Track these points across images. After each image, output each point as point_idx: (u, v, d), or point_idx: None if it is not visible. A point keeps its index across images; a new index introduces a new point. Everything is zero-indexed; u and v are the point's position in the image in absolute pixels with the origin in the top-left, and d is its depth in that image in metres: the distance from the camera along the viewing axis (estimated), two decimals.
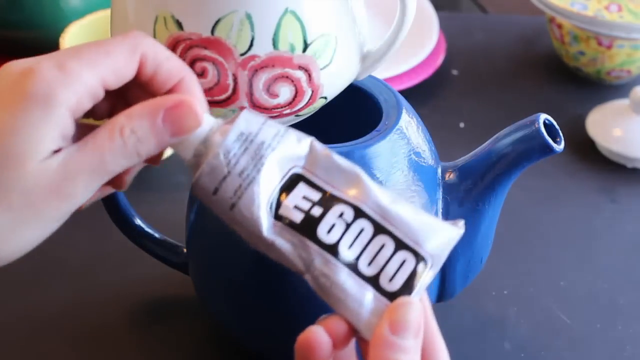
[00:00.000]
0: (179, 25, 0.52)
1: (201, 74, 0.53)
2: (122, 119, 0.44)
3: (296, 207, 0.45)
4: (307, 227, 0.45)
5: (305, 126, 0.61)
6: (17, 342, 0.68)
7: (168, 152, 0.86)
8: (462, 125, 0.92)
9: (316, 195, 0.46)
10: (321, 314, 0.58)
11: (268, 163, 0.45)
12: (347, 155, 0.56)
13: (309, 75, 0.54)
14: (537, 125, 0.58)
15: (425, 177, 0.59)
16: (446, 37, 1.03)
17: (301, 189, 0.46)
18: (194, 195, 0.47)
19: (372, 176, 0.56)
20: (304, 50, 0.53)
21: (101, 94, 0.44)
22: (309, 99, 0.55)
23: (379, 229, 0.45)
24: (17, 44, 0.93)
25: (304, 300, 0.58)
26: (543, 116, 0.59)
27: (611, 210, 0.83)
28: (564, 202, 0.83)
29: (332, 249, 0.45)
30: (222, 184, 0.45)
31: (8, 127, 0.42)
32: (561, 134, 0.59)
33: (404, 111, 0.60)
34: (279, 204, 0.45)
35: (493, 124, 0.70)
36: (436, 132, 0.66)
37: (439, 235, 0.46)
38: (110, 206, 0.66)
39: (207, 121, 0.46)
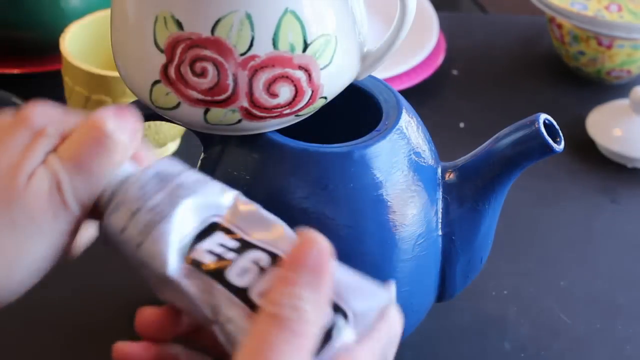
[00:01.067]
0: (179, 25, 0.52)
1: (201, 74, 0.53)
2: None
3: (209, 251, 0.43)
4: (217, 269, 0.43)
5: (305, 126, 0.61)
6: (16, 342, 0.67)
7: (168, 151, 0.86)
8: (462, 125, 0.92)
9: (233, 244, 0.43)
10: None
11: (184, 204, 0.43)
12: (347, 155, 0.56)
13: (309, 75, 0.54)
14: (537, 125, 0.58)
15: (425, 177, 0.59)
16: (446, 37, 1.03)
17: (218, 236, 0.44)
18: (100, 236, 0.46)
19: (372, 176, 0.57)
20: (304, 50, 0.53)
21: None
22: (309, 99, 0.55)
23: None
24: (17, 44, 0.93)
25: None
26: (543, 116, 0.59)
27: (611, 210, 0.83)
28: (564, 202, 0.83)
29: (242, 293, 0.42)
30: (131, 220, 0.43)
31: None
32: (561, 134, 0.59)
33: (404, 111, 0.60)
34: (191, 248, 0.43)
35: (493, 124, 0.70)
36: (436, 132, 0.66)
37: (364, 292, 0.43)
38: None
39: (126, 165, 0.45)
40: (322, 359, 0.40)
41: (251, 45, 0.52)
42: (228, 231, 0.44)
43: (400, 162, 0.58)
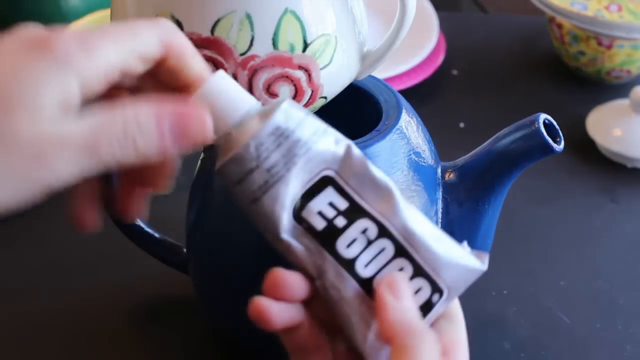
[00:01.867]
0: (179, 24, 0.52)
1: None
2: (129, 106, 0.41)
3: (320, 213, 0.43)
4: (328, 237, 0.43)
5: None
6: (16, 342, 0.67)
7: None
8: (462, 125, 0.92)
9: (343, 204, 0.44)
10: None
11: (300, 162, 0.43)
12: None
13: (309, 75, 0.54)
14: (537, 125, 0.58)
15: (425, 177, 0.59)
16: (446, 37, 1.03)
17: (329, 193, 0.44)
18: (217, 176, 0.45)
19: None
20: (304, 50, 0.53)
21: (116, 79, 0.41)
22: (309, 99, 0.55)
23: (400, 251, 0.44)
24: None
25: None
26: (543, 116, 0.59)
27: (611, 210, 0.83)
28: (564, 202, 0.83)
29: (349, 264, 0.43)
30: (249, 176, 0.43)
31: (12, 75, 0.39)
32: (561, 134, 0.59)
33: (403, 111, 0.60)
34: (302, 205, 0.43)
35: (493, 124, 0.70)
36: (436, 132, 0.66)
37: (460, 268, 0.45)
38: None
39: (245, 101, 0.44)
40: None
41: (251, 45, 0.52)
42: (339, 188, 0.44)
43: (400, 162, 0.58)
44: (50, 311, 0.70)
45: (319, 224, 0.43)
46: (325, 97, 0.56)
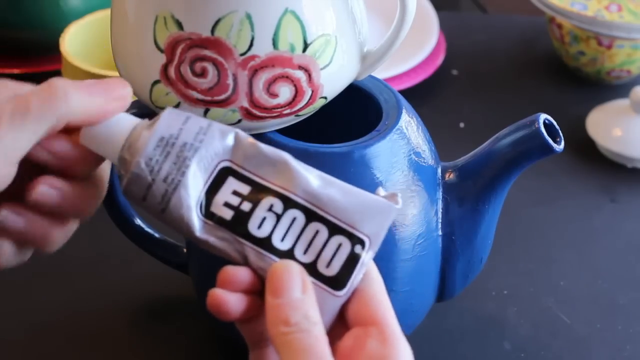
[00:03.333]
0: (179, 25, 0.52)
1: (201, 74, 0.53)
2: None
3: (226, 203, 0.45)
4: (238, 224, 0.45)
5: (305, 126, 0.61)
6: (17, 343, 0.67)
7: None
8: (462, 125, 0.92)
9: (245, 189, 0.45)
10: None
11: (193, 164, 0.45)
12: (347, 155, 0.56)
13: (309, 75, 0.54)
14: (537, 125, 0.58)
15: (425, 177, 0.59)
16: (446, 37, 1.03)
17: (230, 183, 0.45)
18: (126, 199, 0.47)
19: (372, 176, 0.57)
20: (304, 50, 0.53)
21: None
22: (309, 99, 0.55)
23: (311, 216, 0.45)
24: (17, 44, 0.93)
25: None
26: (543, 116, 0.59)
27: (611, 210, 0.83)
28: (564, 202, 0.83)
29: (265, 243, 0.45)
30: (149, 191, 0.45)
31: None
32: (561, 134, 0.59)
33: (404, 111, 0.60)
34: (208, 202, 0.45)
35: (493, 124, 0.70)
36: (436, 132, 0.66)
37: (375, 213, 0.45)
38: (110, 206, 0.66)
39: (127, 123, 0.46)
40: (350, 289, 0.44)
41: (251, 45, 0.52)
42: (238, 174, 0.45)
43: (400, 162, 0.58)
44: (50, 311, 0.70)
45: (227, 214, 0.45)
46: (325, 97, 0.56)
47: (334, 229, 0.45)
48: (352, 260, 0.45)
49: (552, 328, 0.70)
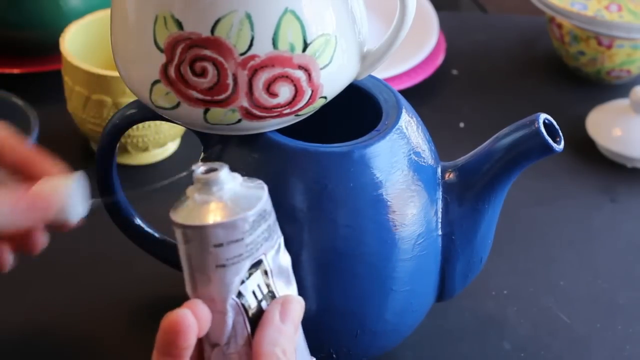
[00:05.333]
0: (179, 24, 0.52)
1: (201, 74, 0.53)
2: None
3: (253, 293, 0.48)
4: (253, 316, 0.48)
5: (305, 126, 0.61)
6: (16, 343, 0.67)
7: (168, 151, 0.86)
8: (462, 125, 0.92)
9: (266, 290, 0.48)
10: (320, 315, 0.58)
11: (267, 241, 0.47)
12: (346, 155, 0.56)
13: (309, 75, 0.54)
14: (537, 125, 0.58)
15: (425, 177, 0.59)
16: (446, 37, 1.03)
17: (258, 276, 0.48)
18: (180, 228, 0.48)
19: (372, 176, 0.57)
20: (304, 49, 0.53)
21: None
22: (309, 99, 0.55)
23: None
24: (17, 44, 0.93)
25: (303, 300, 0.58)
26: (543, 116, 0.59)
27: (611, 210, 0.83)
28: (564, 202, 0.83)
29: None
30: (230, 244, 0.46)
31: None
32: (561, 133, 0.59)
33: (403, 111, 0.60)
34: (242, 283, 0.47)
35: (493, 124, 0.70)
36: (436, 132, 0.66)
37: None
38: (110, 206, 0.66)
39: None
40: None
41: (251, 45, 0.52)
42: (265, 272, 0.48)
43: (400, 162, 0.58)
44: (50, 311, 0.70)
45: (252, 304, 0.48)
46: (325, 97, 0.56)
47: None
48: None
49: (552, 328, 0.70)
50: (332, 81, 0.55)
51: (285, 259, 0.50)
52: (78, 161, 0.85)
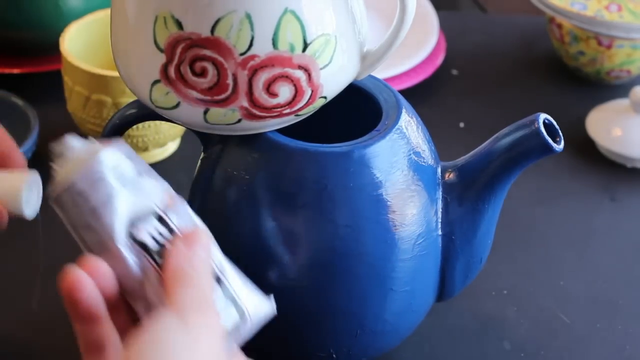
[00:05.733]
0: (179, 24, 0.52)
1: (201, 74, 0.53)
2: None
3: (149, 233, 0.49)
4: (156, 250, 0.49)
5: (305, 126, 0.61)
6: (16, 342, 0.67)
7: (168, 151, 0.86)
8: (462, 125, 0.92)
9: (166, 231, 0.50)
10: (320, 315, 0.58)
11: (140, 187, 0.50)
12: (346, 155, 0.56)
13: (309, 75, 0.54)
14: (536, 125, 0.58)
15: (425, 177, 0.59)
16: (446, 37, 1.03)
17: (154, 223, 0.50)
18: (52, 193, 0.50)
19: (372, 176, 0.57)
20: (304, 50, 0.53)
21: None
22: (309, 99, 0.55)
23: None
24: (17, 44, 0.93)
25: (303, 301, 0.58)
26: (543, 116, 0.59)
27: (611, 210, 0.83)
28: (564, 202, 0.83)
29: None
30: (94, 186, 0.48)
31: None
32: (561, 133, 0.59)
33: (403, 111, 0.60)
34: (133, 226, 0.49)
35: (493, 124, 0.70)
36: (436, 132, 0.66)
37: (260, 301, 0.50)
38: None
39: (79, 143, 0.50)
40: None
41: (251, 45, 0.52)
42: (161, 220, 0.50)
43: (399, 162, 0.58)
44: (50, 311, 0.70)
45: (147, 240, 0.49)
46: (325, 97, 0.56)
47: (230, 297, 0.49)
48: (237, 329, 0.49)
49: (552, 328, 0.70)
50: (332, 81, 0.55)
51: (184, 208, 0.51)
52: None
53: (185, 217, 0.51)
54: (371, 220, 0.57)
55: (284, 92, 0.54)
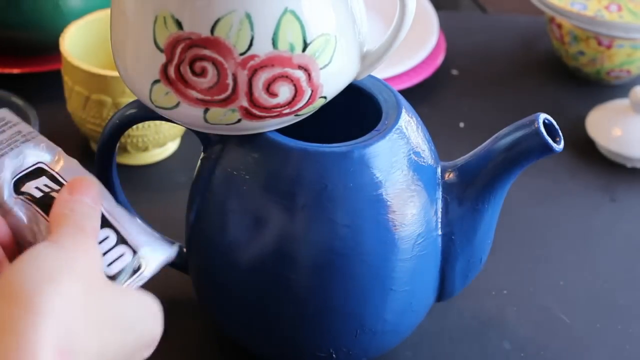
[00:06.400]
0: (179, 24, 0.52)
1: (201, 74, 0.53)
2: None
3: (37, 187, 0.52)
4: (44, 202, 0.51)
5: (305, 126, 0.61)
6: None
7: (168, 151, 0.86)
8: (462, 125, 0.92)
9: (55, 186, 0.52)
10: (320, 315, 0.58)
11: (20, 148, 0.53)
12: (346, 155, 0.56)
13: (309, 75, 0.54)
14: (536, 125, 0.58)
15: (425, 177, 0.59)
16: (446, 37, 1.03)
17: (43, 180, 0.52)
18: None
19: (372, 176, 0.57)
20: (304, 49, 0.53)
21: None
22: (309, 99, 0.55)
23: (105, 223, 0.51)
24: (17, 44, 0.93)
25: (303, 301, 0.58)
26: (543, 116, 0.59)
27: (611, 210, 0.83)
28: (564, 201, 0.83)
29: None
30: None
31: None
32: (561, 133, 0.59)
33: (403, 111, 0.60)
34: (22, 183, 0.52)
35: (493, 124, 0.70)
36: (436, 132, 0.66)
37: (159, 245, 0.52)
38: None
39: None
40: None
41: (251, 44, 0.52)
42: (52, 177, 0.53)
43: (399, 162, 0.58)
44: None
45: (37, 194, 0.52)
46: (325, 97, 0.56)
47: (122, 240, 0.51)
48: (128, 270, 0.51)
49: (552, 328, 0.70)
50: (332, 81, 0.55)
51: (69, 161, 0.54)
52: (78, 161, 0.85)
53: (77, 173, 0.53)
54: (371, 220, 0.57)
55: (284, 92, 0.54)
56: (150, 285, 0.72)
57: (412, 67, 0.95)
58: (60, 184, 0.52)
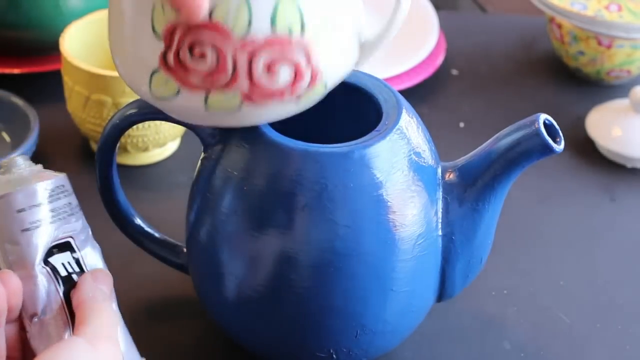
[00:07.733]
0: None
1: (200, 59, 0.53)
2: None
3: (62, 264, 0.53)
4: (65, 280, 0.53)
5: (305, 126, 0.61)
6: None
7: (168, 151, 0.86)
8: (462, 125, 0.92)
9: (76, 266, 0.54)
10: (320, 315, 0.58)
11: (70, 218, 0.54)
12: (347, 155, 0.56)
13: (308, 58, 0.54)
14: (537, 125, 0.58)
15: (425, 177, 0.59)
16: (446, 37, 1.03)
17: (68, 255, 0.54)
18: None
19: (372, 176, 0.57)
20: (302, 32, 0.53)
21: None
22: (309, 82, 0.55)
23: None
24: (17, 44, 0.93)
25: (303, 301, 0.58)
26: (543, 116, 0.59)
27: (611, 210, 0.83)
28: (564, 201, 0.83)
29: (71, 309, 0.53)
30: (32, 209, 0.52)
31: None
32: (561, 133, 0.59)
33: (404, 111, 0.60)
34: (50, 252, 0.53)
35: (493, 124, 0.70)
36: (436, 132, 0.66)
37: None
38: (110, 206, 0.67)
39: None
40: None
41: (249, 28, 0.52)
42: (77, 260, 0.54)
43: (400, 162, 0.58)
44: None
45: (61, 270, 0.53)
46: (326, 85, 0.56)
47: None
48: None
49: (552, 328, 0.70)
50: (331, 66, 0.55)
51: (95, 250, 0.56)
52: (78, 161, 0.85)
53: (95, 259, 0.55)
54: (371, 221, 0.57)
55: (284, 74, 0.54)
56: (150, 285, 0.72)
57: (412, 67, 0.95)
58: (79, 265, 0.54)
